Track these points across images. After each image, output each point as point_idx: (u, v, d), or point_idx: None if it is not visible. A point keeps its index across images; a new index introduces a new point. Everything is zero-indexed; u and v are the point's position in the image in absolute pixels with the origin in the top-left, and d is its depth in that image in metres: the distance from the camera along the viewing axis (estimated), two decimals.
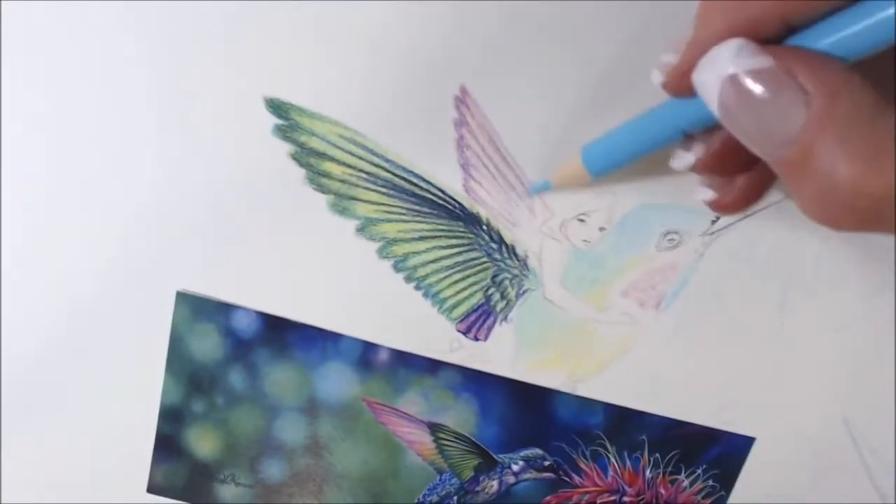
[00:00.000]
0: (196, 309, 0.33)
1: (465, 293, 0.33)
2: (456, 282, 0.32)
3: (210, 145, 0.30)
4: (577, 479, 0.36)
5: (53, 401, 0.34)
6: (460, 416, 0.35)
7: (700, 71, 0.21)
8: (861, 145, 0.19)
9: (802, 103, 0.19)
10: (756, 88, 0.20)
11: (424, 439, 0.35)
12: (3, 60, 0.29)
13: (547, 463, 0.35)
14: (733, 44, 0.20)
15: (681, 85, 0.23)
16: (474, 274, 0.32)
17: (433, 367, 0.34)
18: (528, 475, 0.36)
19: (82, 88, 0.29)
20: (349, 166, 0.30)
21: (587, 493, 0.36)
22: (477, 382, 0.34)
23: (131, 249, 0.32)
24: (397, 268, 0.32)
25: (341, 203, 0.31)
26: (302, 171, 0.30)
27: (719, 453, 0.35)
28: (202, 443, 0.35)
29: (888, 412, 0.34)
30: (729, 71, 0.20)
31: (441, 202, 0.31)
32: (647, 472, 0.36)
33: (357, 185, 0.31)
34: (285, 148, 0.30)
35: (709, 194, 0.26)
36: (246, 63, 0.29)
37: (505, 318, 0.33)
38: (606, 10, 0.28)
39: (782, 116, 0.20)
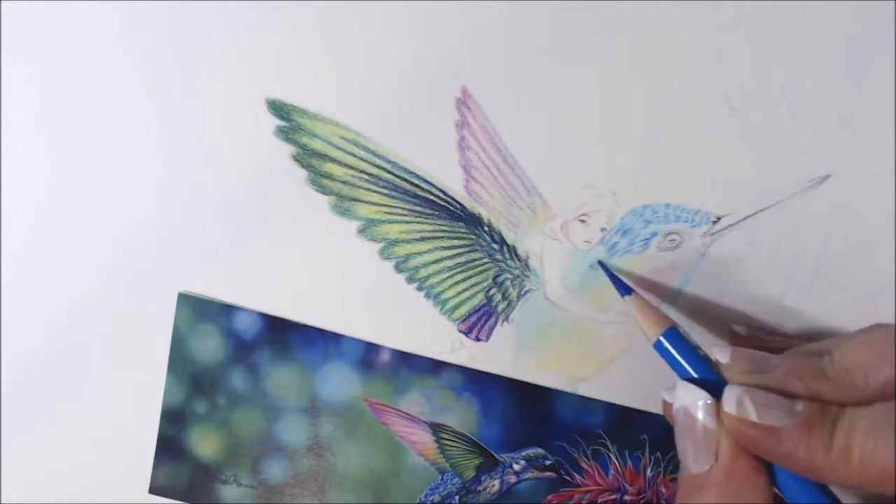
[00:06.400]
0: (198, 310, 0.33)
1: (467, 294, 0.33)
2: (457, 282, 0.32)
3: (212, 147, 0.30)
4: (578, 478, 0.36)
5: (54, 401, 0.34)
6: (462, 415, 0.35)
7: (681, 386, 0.27)
8: None
9: (709, 464, 0.26)
10: (692, 429, 0.26)
11: (426, 439, 0.35)
12: (4, 62, 0.29)
13: (548, 462, 0.36)
14: (705, 396, 0.26)
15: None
16: (476, 275, 0.32)
17: (435, 367, 0.34)
18: (529, 474, 0.36)
19: (84, 89, 0.29)
20: (351, 167, 0.30)
21: (588, 492, 0.36)
22: (478, 382, 0.34)
23: (133, 251, 0.32)
24: (399, 269, 0.32)
25: (343, 204, 0.31)
26: (304, 173, 0.30)
27: None
28: (204, 443, 0.35)
29: None
30: (687, 404, 0.26)
31: (442, 203, 0.31)
32: (648, 470, 0.36)
33: (359, 187, 0.31)
34: (287, 149, 0.30)
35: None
36: (248, 64, 0.29)
37: (506, 319, 0.33)
38: (608, 10, 0.28)
39: (694, 457, 0.26)
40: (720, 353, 0.27)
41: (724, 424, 0.25)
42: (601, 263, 0.31)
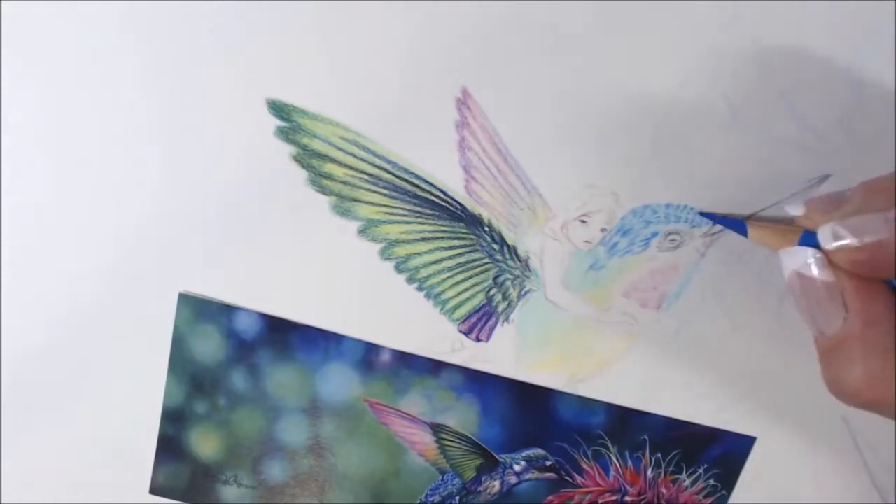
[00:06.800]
0: (198, 310, 0.33)
1: (467, 294, 0.33)
2: (458, 283, 0.32)
3: (212, 147, 0.30)
4: (578, 478, 0.36)
5: (55, 401, 0.34)
6: (462, 416, 0.35)
7: (783, 253, 0.26)
8: (872, 370, 0.23)
9: (841, 318, 0.24)
10: (812, 290, 0.25)
11: (426, 440, 0.35)
12: (4, 62, 0.29)
13: (549, 463, 0.36)
14: (811, 252, 0.25)
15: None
16: (476, 275, 0.32)
17: (435, 367, 0.34)
18: (529, 475, 0.36)
19: (84, 90, 0.29)
20: (351, 168, 0.30)
21: (589, 492, 0.36)
22: (479, 383, 0.34)
23: (133, 251, 0.32)
24: (399, 269, 0.32)
25: (343, 205, 0.31)
26: (304, 173, 0.30)
27: (720, 453, 0.35)
28: (204, 444, 0.35)
29: None
30: (797, 268, 0.25)
31: (443, 203, 0.31)
32: (649, 471, 0.36)
33: (359, 187, 0.31)
34: (287, 150, 0.30)
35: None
36: (248, 65, 0.29)
37: (507, 319, 0.33)
38: (608, 11, 0.28)
39: (824, 317, 0.24)
40: (793, 209, 0.26)
41: (841, 271, 0.24)
42: (704, 213, 0.30)
